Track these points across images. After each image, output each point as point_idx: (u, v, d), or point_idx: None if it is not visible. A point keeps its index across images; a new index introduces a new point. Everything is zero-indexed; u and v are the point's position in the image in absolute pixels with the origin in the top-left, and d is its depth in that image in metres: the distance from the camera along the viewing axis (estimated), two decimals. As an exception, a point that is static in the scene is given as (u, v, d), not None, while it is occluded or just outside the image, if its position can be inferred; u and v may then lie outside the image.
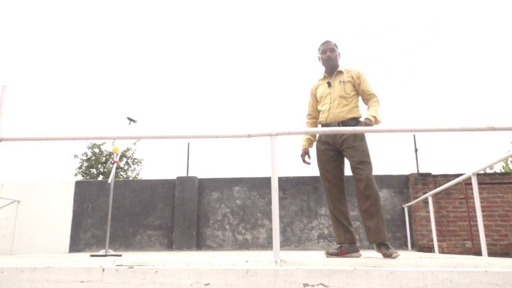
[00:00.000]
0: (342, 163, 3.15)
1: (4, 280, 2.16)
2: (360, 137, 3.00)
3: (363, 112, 3.17)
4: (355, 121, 3.07)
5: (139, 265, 2.16)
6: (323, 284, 2.00)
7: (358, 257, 2.93)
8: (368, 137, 3.15)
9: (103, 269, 2.14)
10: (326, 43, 3.21)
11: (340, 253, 2.94)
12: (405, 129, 2.63)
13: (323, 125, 3.15)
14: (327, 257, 2.87)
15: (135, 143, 15.53)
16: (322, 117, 3.16)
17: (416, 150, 7.42)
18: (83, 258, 2.67)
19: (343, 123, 3.05)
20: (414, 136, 7.49)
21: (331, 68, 3.21)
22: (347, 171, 3.16)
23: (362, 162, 2.93)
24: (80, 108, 28.05)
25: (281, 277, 2.03)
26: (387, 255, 2.67)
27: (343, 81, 3.13)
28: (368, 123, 2.93)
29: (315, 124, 3.35)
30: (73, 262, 2.27)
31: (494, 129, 2.42)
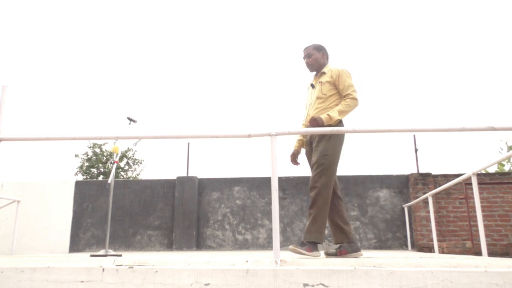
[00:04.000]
0: None
1: (4, 280, 2.16)
2: (326, 138, 2.98)
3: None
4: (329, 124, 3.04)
5: (139, 265, 2.16)
6: (323, 284, 2.00)
7: (358, 256, 2.89)
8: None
9: (103, 269, 2.14)
10: (304, 50, 3.27)
11: (339, 254, 2.91)
12: (405, 129, 2.63)
13: (305, 127, 3.24)
14: (326, 257, 2.85)
15: (135, 144, 15.54)
16: (304, 120, 3.29)
17: (416, 150, 7.42)
18: (83, 258, 2.67)
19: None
20: (414, 136, 7.50)
21: (315, 71, 3.27)
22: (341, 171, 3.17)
23: (316, 163, 2.94)
24: (80, 108, 28.05)
25: (281, 277, 2.03)
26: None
27: (321, 82, 3.13)
28: (316, 120, 2.92)
29: None
30: (73, 262, 2.27)
31: (494, 129, 2.42)
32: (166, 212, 7.22)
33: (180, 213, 7.07)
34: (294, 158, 3.33)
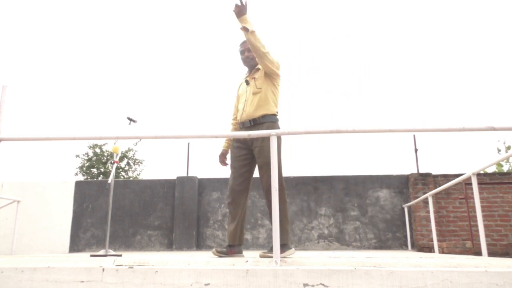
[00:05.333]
0: (252, 163, 3.12)
1: (4, 280, 2.16)
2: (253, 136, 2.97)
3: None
4: (267, 118, 3.03)
5: (139, 265, 2.16)
6: (323, 284, 2.00)
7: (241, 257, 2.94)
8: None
9: (103, 269, 2.14)
10: (244, 43, 3.19)
11: (229, 252, 3.00)
12: (405, 129, 2.62)
13: (239, 124, 3.15)
14: (217, 255, 2.91)
15: (136, 144, 15.53)
16: (239, 116, 3.15)
17: (416, 150, 7.42)
18: (83, 258, 2.67)
19: (254, 120, 3.04)
20: (414, 136, 7.50)
21: (251, 67, 3.21)
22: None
23: (266, 163, 2.91)
24: (80, 108, 28.06)
25: (281, 277, 2.03)
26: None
27: (255, 78, 3.11)
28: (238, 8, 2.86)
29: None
30: (73, 262, 2.27)
31: (494, 129, 2.42)
32: (166, 212, 7.22)
33: (180, 213, 7.07)
34: (223, 159, 3.28)
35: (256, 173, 3.16)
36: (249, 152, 3.08)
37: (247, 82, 3.16)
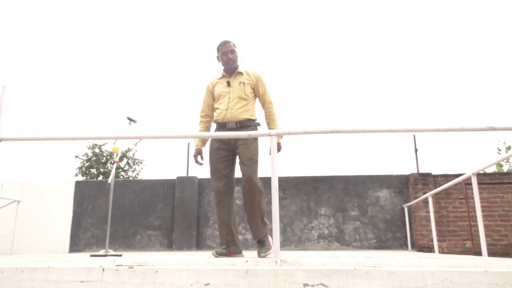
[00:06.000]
0: (234, 164, 3.19)
1: (4, 280, 2.16)
2: (253, 137, 3.04)
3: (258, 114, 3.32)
4: (251, 122, 3.15)
5: (139, 265, 2.16)
6: (323, 284, 2.00)
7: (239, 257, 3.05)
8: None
9: (103, 269, 2.14)
10: (226, 44, 3.22)
11: (228, 253, 3.05)
12: (405, 129, 2.62)
13: (219, 124, 3.17)
14: (216, 256, 2.93)
15: (136, 144, 15.52)
16: (219, 116, 3.16)
17: (416, 150, 7.43)
18: (83, 258, 2.67)
19: (241, 123, 3.11)
20: (414, 136, 7.50)
21: (232, 69, 3.24)
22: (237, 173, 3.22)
23: (250, 159, 3.01)
24: (80, 108, 28.05)
25: (281, 277, 2.03)
26: (258, 254, 2.90)
27: (243, 83, 3.17)
28: (279, 148, 3.16)
29: (209, 123, 3.37)
30: (73, 262, 2.27)
31: (494, 129, 2.42)
32: (166, 212, 7.22)
33: (180, 213, 7.07)
34: (197, 159, 3.30)
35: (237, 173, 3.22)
36: (231, 153, 3.15)
37: (229, 83, 3.19)
